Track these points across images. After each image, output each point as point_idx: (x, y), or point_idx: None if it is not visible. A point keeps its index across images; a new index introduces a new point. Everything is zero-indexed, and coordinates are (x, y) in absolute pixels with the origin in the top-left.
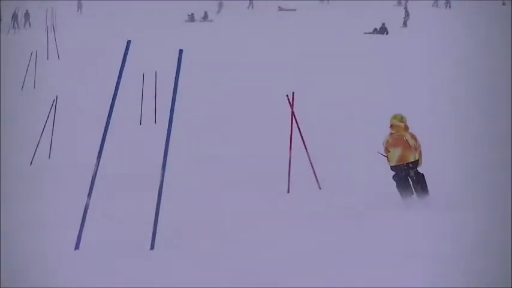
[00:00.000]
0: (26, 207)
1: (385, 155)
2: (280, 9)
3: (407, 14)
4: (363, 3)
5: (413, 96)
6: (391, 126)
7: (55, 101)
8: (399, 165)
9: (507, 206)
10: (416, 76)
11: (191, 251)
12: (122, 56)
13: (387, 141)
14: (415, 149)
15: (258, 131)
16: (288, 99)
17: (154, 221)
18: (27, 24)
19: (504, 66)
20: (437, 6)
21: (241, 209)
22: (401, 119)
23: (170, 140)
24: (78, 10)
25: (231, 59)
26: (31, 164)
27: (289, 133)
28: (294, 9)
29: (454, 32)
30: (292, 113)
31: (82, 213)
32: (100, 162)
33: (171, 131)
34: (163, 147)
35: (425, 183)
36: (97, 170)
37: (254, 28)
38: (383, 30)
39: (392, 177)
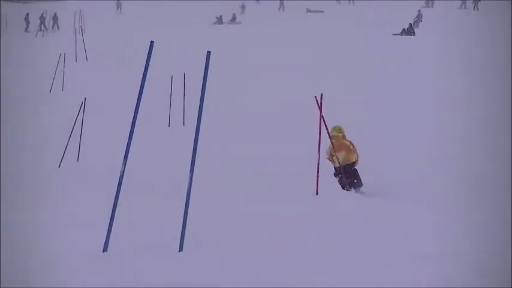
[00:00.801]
0: (54, 209)
1: (330, 159)
2: (308, 10)
3: (419, 17)
4: (391, 4)
5: (440, 98)
6: (332, 137)
7: (83, 103)
8: (345, 164)
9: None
10: (443, 78)
11: (219, 252)
12: (147, 55)
13: (332, 148)
14: (354, 151)
15: (287, 133)
16: (317, 100)
17: (183, 223)
18: (56, 26)
19: None
20: (465, 7)
21: (270, 210)
22: (340, 130)
23: (198, 142)
24: (117, 9)
25: (259, 61)
26: (59, 166)
27: (318, 135)
28: (322, 11)
29: (482, 34)
30: (321, 115)
31: (110, 215)
32: (128, 165)
33: (199, 133)
34: (192, 149)
35: (359, 176)
36: (124, 171)
37: (282, 30)
38: (410, 31)
39: (334, 174)
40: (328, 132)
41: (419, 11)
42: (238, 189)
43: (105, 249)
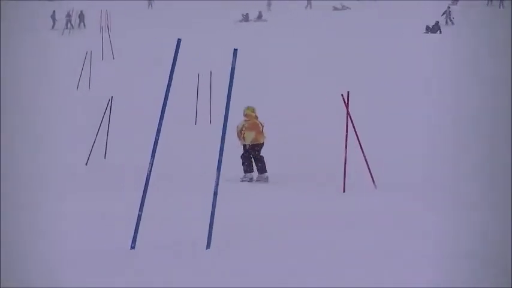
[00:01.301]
0: (81, 206)
1: (240, 137)
2: (335, 8)
3: (448, 14)
4: (418, 1)
5: (466, 95)
6: (245, 115)
7: (110, 101)
8: (253, 144)
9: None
10: (468, 75)
11: (247, 250)
12: (174, 53)
13: (243, 126)
14: (262, 134)
15: (314, 131)
16: (343, 98)
17: (210, 221)
18: (82, 24)
19: None
20: (491, 5)
21: (297, 208)
22: (253, 110)
23: (225, 139)
24: (149, 6)
25: (285, 59)
26: (86, 164)
27: (345, 132)
28: (349, 8)
29: (506, 31)
30: (348, 113)
31: (137, 213)
32: (155, 163)
33: (226, 131)
34: (219, 147)
35: (264, 162)
36: (151, 170)
37: (308, 27)
38: (436, 28)
39: (241, 156)
40: (355, 131)
41: (448, 7)
42: (264, 187)
43: (132, 247)
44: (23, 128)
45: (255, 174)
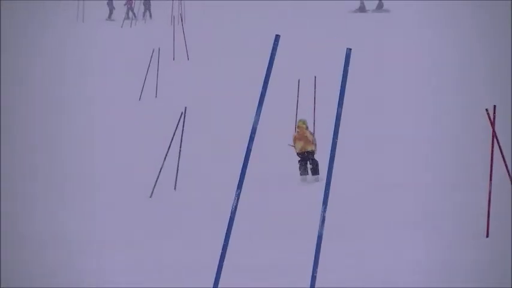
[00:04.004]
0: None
1: (293, 145)
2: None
3: None
4: None
5: None
6: (298, 127)
7: (183, 114)
8: (302, 152)
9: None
10: None
11: None
12: (270, 53)
13: (295, 136)
14: (312, 142)
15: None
16: (488, 115)
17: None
18: (147, 14)
19: None
20: None
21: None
22: (304, 122)
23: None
24: None
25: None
26: (151, 196)
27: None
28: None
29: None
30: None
31: (219, 257)
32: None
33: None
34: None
35: (318, 166)
36: (237, 205)
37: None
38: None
39: (298, 161)
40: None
41: None
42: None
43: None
44: (68, 157)
45: (309, 176)
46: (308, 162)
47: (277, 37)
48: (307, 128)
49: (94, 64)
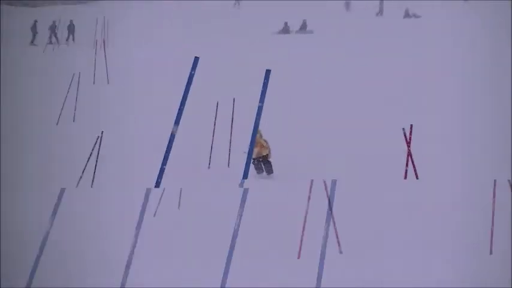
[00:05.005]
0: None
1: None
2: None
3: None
4: None
5: None
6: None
7: (99, 138)
8: (258, 157)
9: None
10: None
11: None
12: (189, 74)
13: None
14: (266, 148)
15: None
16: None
17: None
18: (71, 38)
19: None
20: None
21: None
22: (258, 132)
23: None
24: (347, 9)
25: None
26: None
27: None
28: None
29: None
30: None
31: None
32: None
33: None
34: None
35: (271, 166)
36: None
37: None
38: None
39: (252, 162)
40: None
41: None
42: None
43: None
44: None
45: (264, 174)
46: (263, 163)
47: (196, 59)
48: (261, 136)
49: (15, 88)
